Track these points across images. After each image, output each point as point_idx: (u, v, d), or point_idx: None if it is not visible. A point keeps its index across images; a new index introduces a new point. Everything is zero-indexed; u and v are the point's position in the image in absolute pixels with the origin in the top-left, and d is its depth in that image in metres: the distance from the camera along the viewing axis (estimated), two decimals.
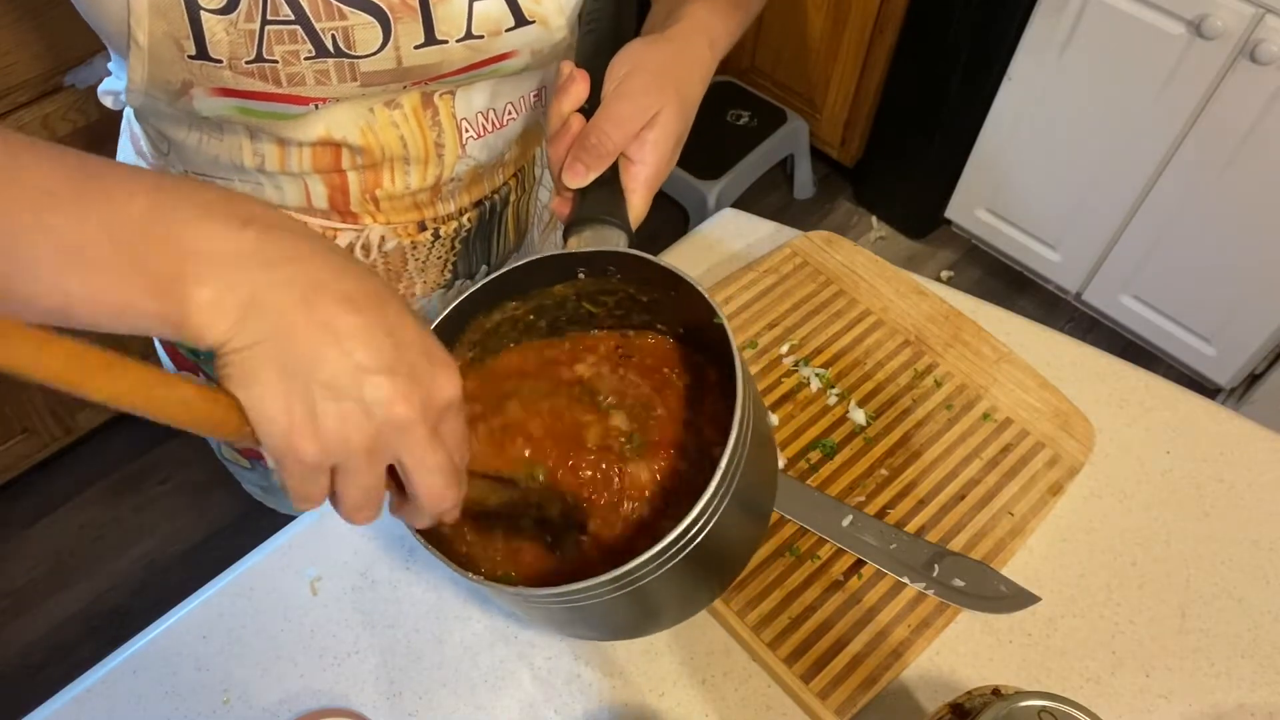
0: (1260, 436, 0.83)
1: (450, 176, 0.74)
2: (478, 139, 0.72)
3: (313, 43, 0.59)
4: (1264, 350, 1.92)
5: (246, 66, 0.59)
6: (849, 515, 0.72)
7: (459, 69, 0.65)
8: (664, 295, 0.58)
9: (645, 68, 0.63)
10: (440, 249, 0.79)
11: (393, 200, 0.73)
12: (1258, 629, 0.72)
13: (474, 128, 0.71)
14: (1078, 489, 0.78)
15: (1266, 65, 1.63)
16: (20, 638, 1.73)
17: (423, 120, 0.69)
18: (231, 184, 0.72)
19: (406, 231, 0.76)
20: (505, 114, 0.73)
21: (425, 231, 0.77)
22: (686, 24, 0.67)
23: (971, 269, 2.37)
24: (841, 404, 0.81)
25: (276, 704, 0.65)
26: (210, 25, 0.57)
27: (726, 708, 0.66)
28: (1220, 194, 1.80)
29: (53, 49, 1.39)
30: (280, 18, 0.58)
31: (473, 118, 0.71)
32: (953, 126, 2.15)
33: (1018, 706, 0.50)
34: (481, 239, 0.81)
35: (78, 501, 1.89)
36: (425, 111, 0.68)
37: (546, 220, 0.87)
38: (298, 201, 0.73)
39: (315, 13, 0.59)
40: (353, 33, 0.60)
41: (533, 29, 0.65)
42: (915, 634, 0.68)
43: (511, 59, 0.67)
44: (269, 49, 0.59)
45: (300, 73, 0.60)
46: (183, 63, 0.59)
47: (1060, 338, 0.89)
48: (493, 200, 0.80)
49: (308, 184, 0.71)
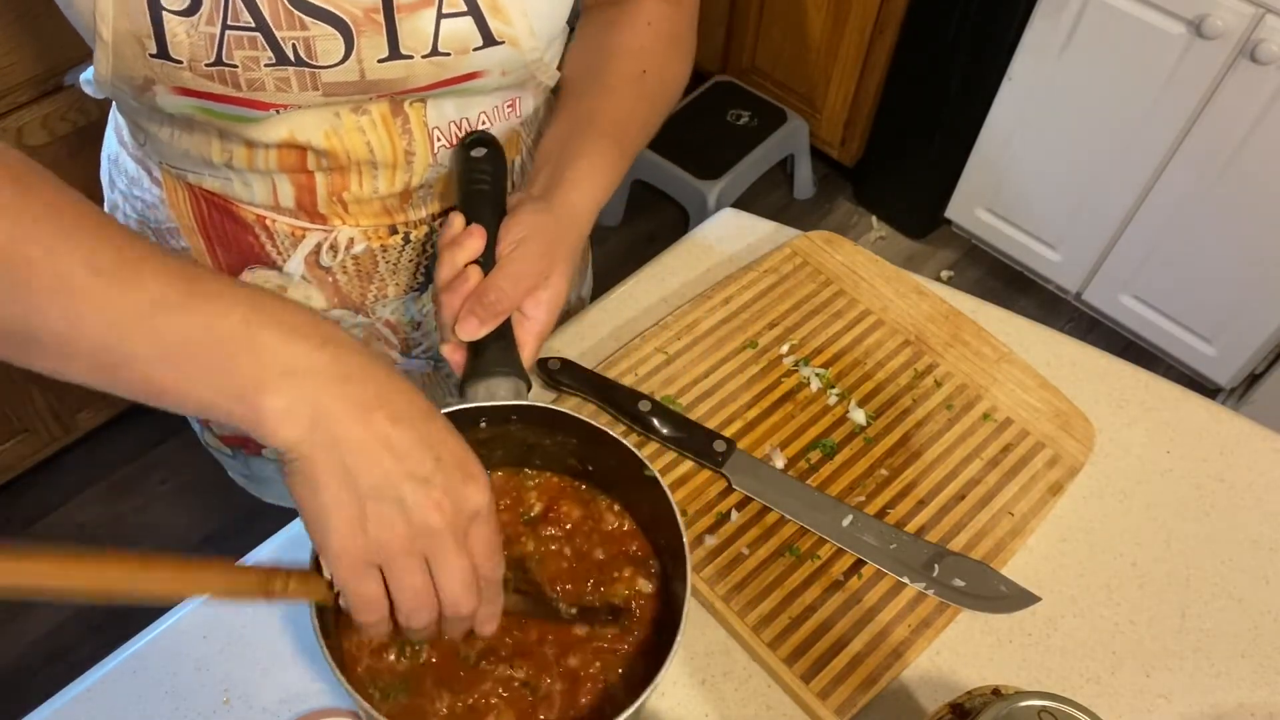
0: (1260, 436, 0.83)
1: (420, 183, 0.74)
2: (449, 147, 0.72)
3: (273, 50, 0.59)
4: (1264, 350, 1.92)
5: (206, 69, 0.59)
6: (849, 515, 0.72)
7: (426, 85, 0.65)
8: (590, 446, 0.64)
9: (538, 236, 0.66)
10: (411, 252, 0.79)
11: (361, 204, 0.73)
12: (1258, 629, 0.72)
13: (445, 136, 0.71)
14: (1078, 489, 0.78)
15: (1266, 65, 1.63)
16: (20, 638, 1.73)
17: (392, 128, 0.69)
18: (202, 178, 0.73)
19: (377, 235, 0.76)
20: (479, 122, 0.73)
21: (396, 235, 0.77)
22: (574, 196, 0.68)
23: (971, 269, 2.37)
24: (841, 404, 0.81)
25: (276, 704, 0.65)
26: (171, 26, 0.57)
27: (726, 708, 0.66)
28: (1220, 194, 1.80)
29: (53, 49, 1.39)
30: (240, 23, 0.58)
31: (445, 126, 0.71)
32: (953, 126, 2.15)
33: (1018, 706, 0.50)
34: None
35: (78, 501, 1.89)
36: (395, 119, 0.68)
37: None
38: (266, 199, 0.73)
39: (276, 21, 0.58)
40: (314, 43, 0.60)
41: (501, 49, 0.65)
42: (915, 634, 0.68)
43: (480, 79, 0.67)
44: (229, 53, 0.59)
45: (260, 79, 0.60)
46: (144, 60, 0.59)
47: (1060, 338, 0.89)
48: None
49: (275, 182, 0.71)
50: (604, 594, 0.63)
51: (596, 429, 0.63)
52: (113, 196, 0.83)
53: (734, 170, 2.24)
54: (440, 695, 0.59)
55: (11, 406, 1.68)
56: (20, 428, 1.73)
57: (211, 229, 0.77)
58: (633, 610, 0.63)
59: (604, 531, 0.67)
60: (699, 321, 0.85)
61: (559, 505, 0.67)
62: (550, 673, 0.60)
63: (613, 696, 0.60)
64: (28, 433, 1.75)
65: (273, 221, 0.75)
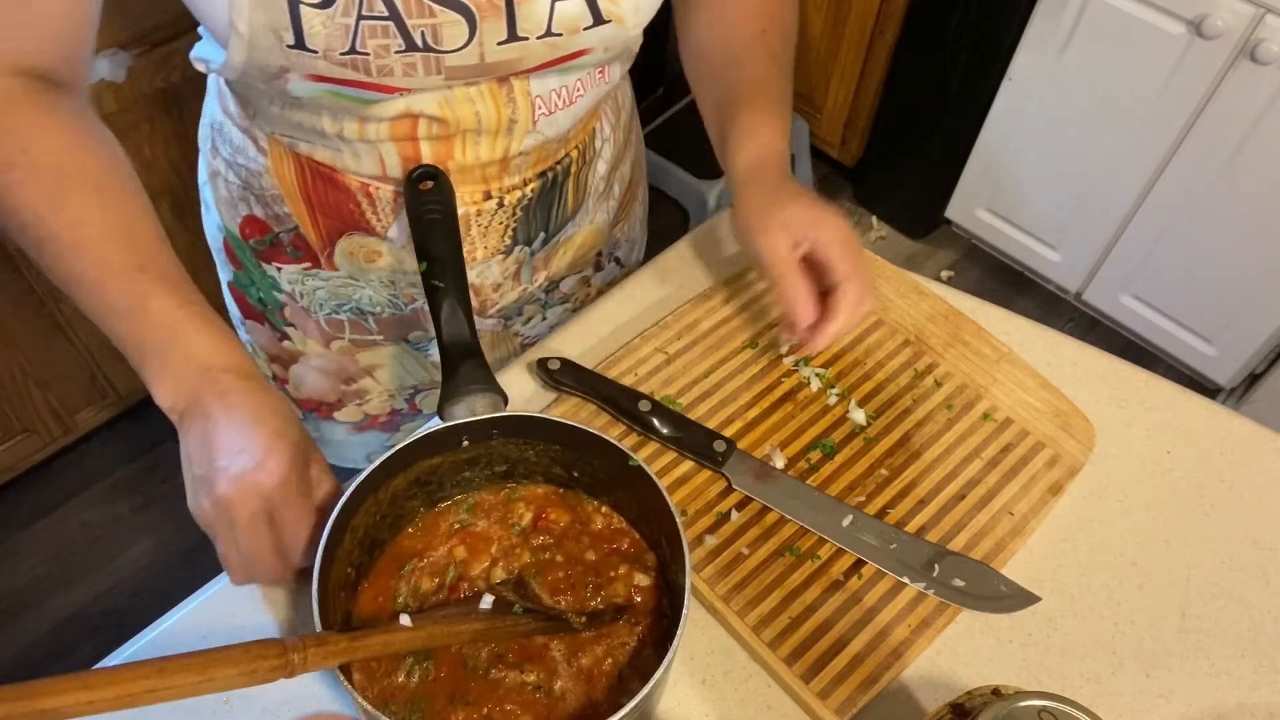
0: (1260, 436, 0.83)
1: (518, 151, 0.77)
2: (549, 115, 0.76)
3: (403, 38, 0.63)
4: (1264, 350, 1.92)
5: (340, 58, 0.63)
6: (849, 515, 0.72)
7: (536, 65, 0.69)
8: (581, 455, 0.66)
9: (777, 219, 0.74)
10: (503, 216, 0.82)
11: (463, 171, 0.77)
12: (1258, 629, 0.72)
13: (546, 105, 0.75)
14: (1078, 489, 0.78)
15: (1266, 65, 1.63)
16: (20, 638, 1.73)
17: (498, 97, 0.72)
18: (314, 148, 0.77)
19: (473, 200, 0.80)
20: (575, 91, 0.76)
21: (490, 200, 0.80)
22: (741, 158, 0.77)
23: (971, 269, 2.37)
24: (841, 404, 0.81)
25: (277, 705, 0.65)
26: (309, 18, 0.61)
27: (726, 708, 0.66)
28: (1220, 194, 1.80)
29: None
30: (375, 13, 0.62)
31: (546, 95, 0.74)
32: (953, 126, 2.14)
33: (1018, 706, 0.50)
34: (542, 207, 0.84)
35: (78, 501, 1.89)
36: (501, 89, 0.72)
37: (601, 190, 0.91)
38: (373, 169, 0.76)
39: (407, 10, 0.62)
40: (441, 30, 0.64)
41: (609, 28, 0.69)
42: (915, 634, 0.68)
43: (587, 55, 0.71)
44: (362, 42, 0.63)
45: (389, 65, 0.65)
46: (280, 51, 0.63)
47: (1060, 338, 0.89)
48: (555, 171, 0.83)
49: (382, 152, 0.75)
50: (605, 595, 0.64)
51: (576, 428, 0.64)
52: (215, 164, 0.86)
53: None
54: (455, 711, 0.59)
55: (11, 406, 1.68)
56: (20, 428, 1.73)
57: (314, 196, 0.80)
58: (635, 604, 0.64)
59: (594, 532, 0.67)
60: (699, 321, 0.85)
61: (547, 513, 0.68)
62: (562, 674, 0.61)
63: (627, 687, 0.60)
64: (28, 433, 1.75)
65: (376, 189, 0.78)
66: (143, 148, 1.58)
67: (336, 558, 0.60)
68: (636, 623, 0.63)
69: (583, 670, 0.61)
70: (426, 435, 0.63)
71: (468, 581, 0.65)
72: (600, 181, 0.90)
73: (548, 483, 0.69)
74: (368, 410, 1.01)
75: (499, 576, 0.65)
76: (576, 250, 0.93)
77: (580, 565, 0.65)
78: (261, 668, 0.50)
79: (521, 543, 0.67)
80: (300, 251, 0.85)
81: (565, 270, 0.94)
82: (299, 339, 0.94)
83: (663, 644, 0.58)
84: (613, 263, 1.01)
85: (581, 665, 0.61)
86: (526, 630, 0.62)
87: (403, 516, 0.67)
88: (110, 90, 1.47)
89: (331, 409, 1.01)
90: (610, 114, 0.88)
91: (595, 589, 0.64)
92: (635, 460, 0.62)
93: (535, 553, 0.66)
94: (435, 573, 0.65)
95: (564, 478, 0.68)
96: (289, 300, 0.90)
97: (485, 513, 0.68)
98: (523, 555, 0.66)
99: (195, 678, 0.47)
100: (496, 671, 0.60)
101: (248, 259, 0.89)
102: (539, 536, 0.67)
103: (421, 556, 0.66)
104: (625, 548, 0.67)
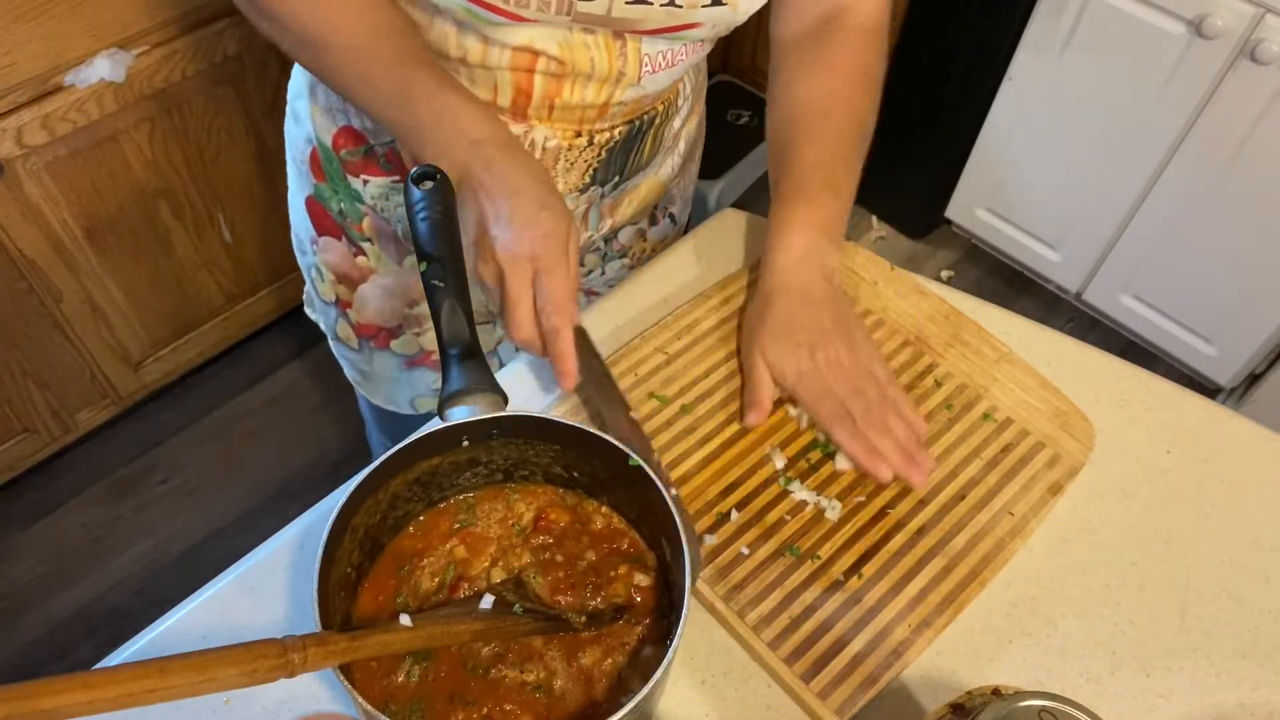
0: (1260, 436, 0.83)
1: (619, 100, 0.83)
2: (653, 74, 0.82)
3: None
4: (1264, 350, 1.92)
5: None
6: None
7: (652, 29, 0.76)
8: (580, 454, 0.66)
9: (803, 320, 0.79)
10: (589, 155, 0.88)
11: (566, 110, 0.83)
12: (1258, 629, 0.72)
13: (652, 63, 0.81)
14: (1078, 489, 0.78)
15: (1266, 65, 1.63)
16: (20, 638, 1.73)
17: (613, 49, 0.78)
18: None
19: (565, 136, 0.85)
20: (678, 56, 0.83)
21: (580, 138, 0.86)
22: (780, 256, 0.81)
23: (971, 269, 2.37)
24: None
25: (277, 705, 0.65)
26: None
27: (726, 708, 0.66)
28: (1220, 194, 1.80)
29: (53, 49, 1.39)
30: None
31: (654, 55, 0.81)
32: (953, 126, 2.14)
33: (1018, 706, 0.50)
34: (623, 152, 0.90)
35: (78, 501, 1.89)
36: (615, 42, 0.78)
37: (669, 145, 0.98)
38: (485, 96, 0.82)
39: None
40: None
41: (721, 10, 0.76)
42: (915, 634, 0.68)
43: (696, 29, 0.78)
44: None
45: None
46: None
47: (1060, 338, 0.89)
48: (642, 120, 0.89)
49: (498, 81, 0.80)
50: (605, 595, 0.64)
51: (576, 428, 0.64)
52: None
53: (734, 170, 2.24)
54: (455, 711, 0.59)
55: (11, 406, 1.68)
56: (20, 428, 1.73)
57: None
58: (635, 604, 0.64)
59: (594, 532, 0.67)
60: (699, 321, 0.85)
61: (547, 513, 0.68)
62: (562, 673, 0.61)
63: (627, 687, 0.60)
64: (28, 433, 1.75)
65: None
66: (143, 148, 1.58)
67: (336, 558, 0.59)
68: (636, 623, 0.63)
69: (583, 670, 0.61)
70: (426, 435, 0.63)
71: (467, 581, 0.65)
72: (673, 137, 0.97)
73: (548, 483, 0.69)
74: (423, 344, 1.05)
75: (499, 576, 0.65)
76: (640, 201, 0.99)
77: (580, 565, 0.65)
78: (261, 668, 0.50)
79: (521, 543, 0.67)
80: (392, 165, 0.90)
81: (627, 219, 1.00)
82: (373, 254, 0.98)
83: (663, 644, 0.58)
84: (667, 219, 1.07)
85: (581, 665, 0.61)
86: (526, 630, 0.62)
87: (403, 516, 0.67)
88: (110, 90, 1.47)
89: (389, 336, 1.05)
90: (693, 76, 0.97)
91: (595, 589, 0.64)
92: (635, 460, 0.62)
93: (535, 553, 0.66)
94: (435, 573, 0.65)
95: (564, 478, 0.68)
96: (369, 212, 0.94)
97: (485, 513, 0.68)
98: (522, 555, 0.66)
99: (195, 678, 0.47)
100: (496, 671, 0.60)
101: (334, 170, 0.93)
102: (539, 536, 0.67)
103: (421, 556, 0.66)
104: (625, 548, 0.67)
